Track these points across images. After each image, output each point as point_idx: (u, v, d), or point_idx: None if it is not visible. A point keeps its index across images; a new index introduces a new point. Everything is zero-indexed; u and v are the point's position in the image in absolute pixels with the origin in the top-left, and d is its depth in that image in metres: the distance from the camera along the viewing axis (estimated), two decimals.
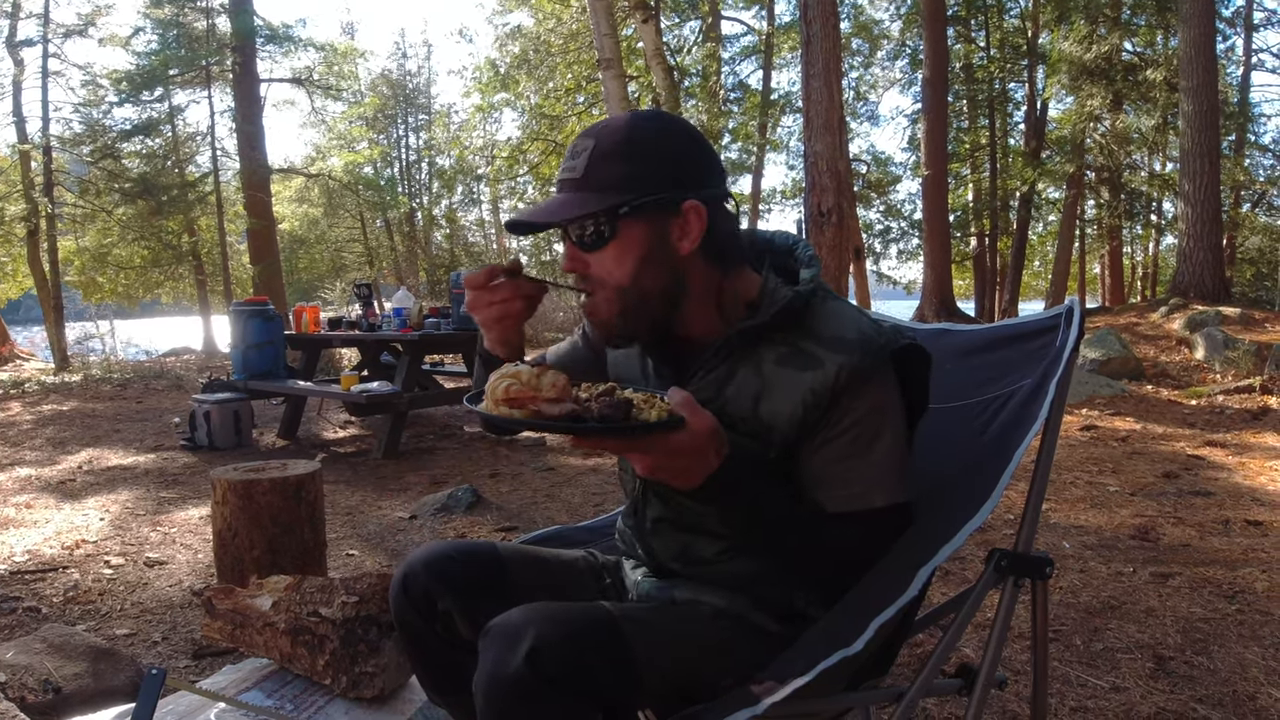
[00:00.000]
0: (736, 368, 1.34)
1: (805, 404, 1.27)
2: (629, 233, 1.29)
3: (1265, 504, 4.46)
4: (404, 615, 1.48)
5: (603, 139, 1.28)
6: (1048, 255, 29.69)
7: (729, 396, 1.33)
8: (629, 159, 1.27)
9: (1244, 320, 10.78)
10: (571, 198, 1.29)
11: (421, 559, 1.48)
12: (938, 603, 1.70)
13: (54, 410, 8.82)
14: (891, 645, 1.47)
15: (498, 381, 1.16)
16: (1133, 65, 19.28)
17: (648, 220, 1.29)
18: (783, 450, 1.30)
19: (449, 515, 4.47)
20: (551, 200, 1.32)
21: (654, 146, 1.29)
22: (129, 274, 19.48)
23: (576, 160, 1.29)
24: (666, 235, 1.30)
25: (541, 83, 20.11)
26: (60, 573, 3.62)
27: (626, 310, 1.33)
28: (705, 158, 1.34)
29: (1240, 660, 2.60)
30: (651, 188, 1.27)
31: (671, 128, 1.33)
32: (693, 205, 1.29)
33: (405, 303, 6.77)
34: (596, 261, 1.32)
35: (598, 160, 1.28)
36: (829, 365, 1.27)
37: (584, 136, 1.32)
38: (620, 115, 1.33)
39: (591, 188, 1.28)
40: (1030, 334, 1.55)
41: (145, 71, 17.51)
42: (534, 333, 16.52)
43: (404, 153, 37.10)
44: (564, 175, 1.31)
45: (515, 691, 1.12)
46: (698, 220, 1.29)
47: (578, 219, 1.28)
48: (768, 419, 1.30)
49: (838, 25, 10.05)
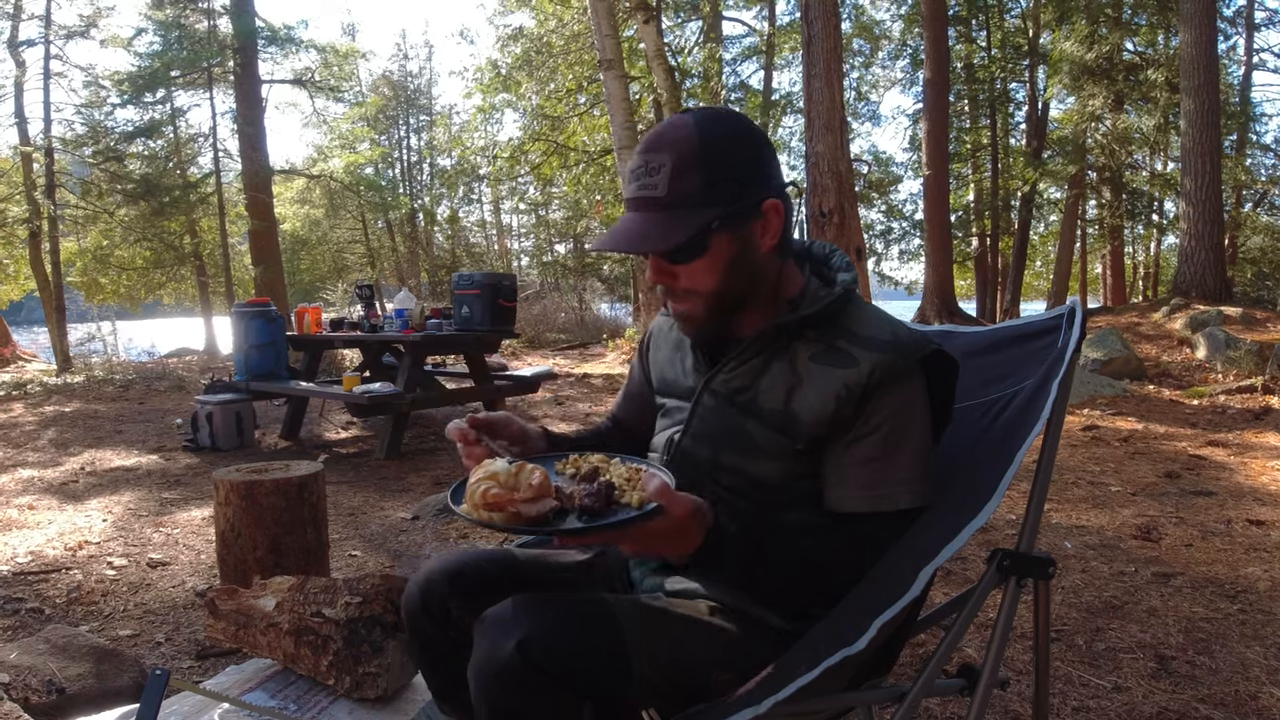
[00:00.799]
0: (771, 361, 1.38)
1: (839, 399, 1.30)
2: (717, 244, 1.30)
3: (1267, 504, 4.46)
4: (419, 624, 1.47)
5: (677, 150, 1.27)
6: (1049, 255, 29.70)
7: (762, 388, 1.37)
8: (709, 169, 1.27)
9: (1246, 320, 10.77)
10: (659, 218, 1.28)
11: (439, 570, 1.47)
12: (939, 603, 1.70)
13: (56, 411, 8.82)
14: (893, 645, 1.48)
15: (477, 484, 1.19)
16: (1134, 65, 19.26)
17: (734, 228, 1.31)
18: (809, 444, 1.32)
19: (451, 516, 4.47)
20: (635, 220, 1.31)
21: (729, 151, 1.29)
22: (131, 275, 19.48)
23: (655, 177, 1.28)
24: (750, 238, 1.33)
25: (543, 83, 20.10)
26: (63, 574, 3.63)
27: (715, 311, 1.36)
28: (770, 151, 1.36)
29: (1242, 660, 2.60)
30: (737, 197, 1.29)
31: (739, 128, 1.33)
32: (773, 204, 1.32)
33: (407, 304, 6.78)
34: (686, 274, 1.34)
35: (677, 176, 1.26)
36: (863, 363, 1.30)
37: (655, 151, 1.29)
38: (682, 120, 1.31)
39: (677, 205, 1.27)
40: (1032, 334, 1.56)
41: (147, 73, 17.50)
42: (536, 333, 16.53)
43: (405, 154, 37.15)
44: (643, 193, 1.30)
45: (505, 679, 1.14)
46: (777, 217, 1.34)
47: (677, 245, 1.28)
48: (799, 413, 1.33)
49: (839, 25, 10.05)
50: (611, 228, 1.36)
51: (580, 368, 12.17)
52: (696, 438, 1.45)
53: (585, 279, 27.86)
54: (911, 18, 24.11)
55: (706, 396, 1.45)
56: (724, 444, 1.41)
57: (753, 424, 1.37)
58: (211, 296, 20.17)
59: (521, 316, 15.38)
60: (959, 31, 23.55)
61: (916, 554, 1.22)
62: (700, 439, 1.44)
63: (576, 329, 17.98)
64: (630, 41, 16.75)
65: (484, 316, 6.40)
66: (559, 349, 15.44)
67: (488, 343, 6.93)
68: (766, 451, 1.36)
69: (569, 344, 16.04)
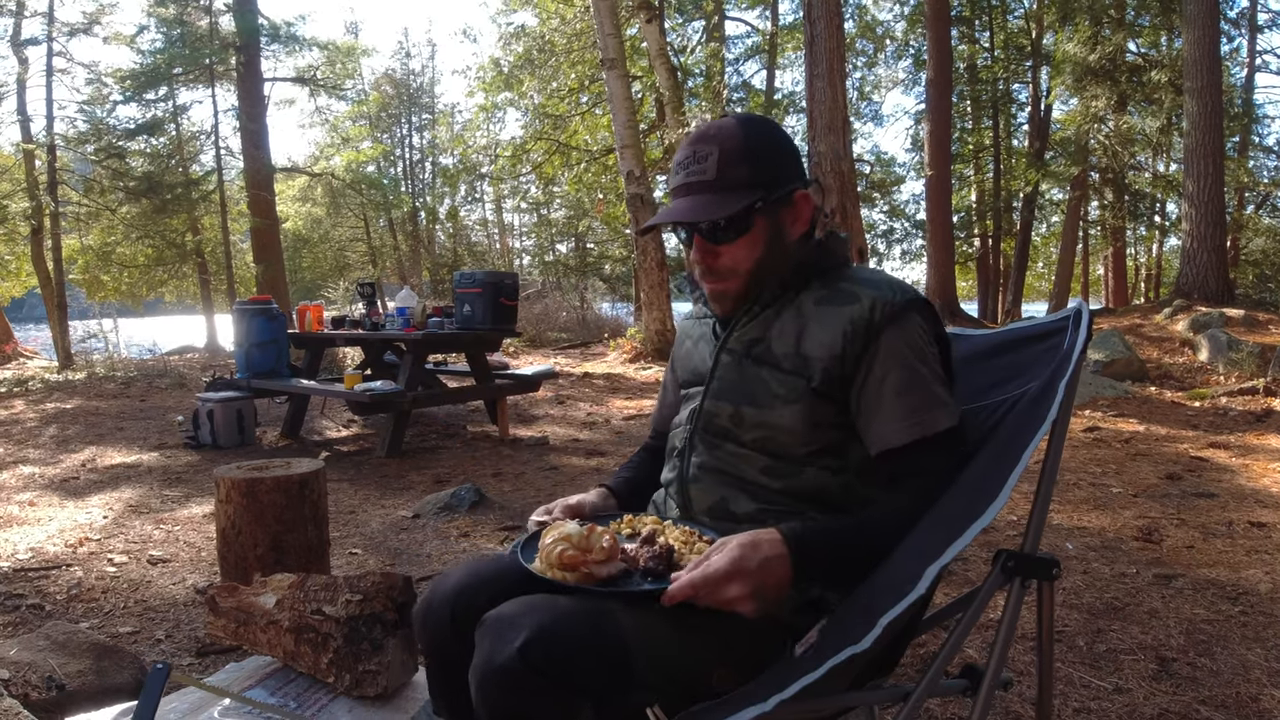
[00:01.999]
0: (782, 310, 1.52)
1: (845, 335, 1.42)
2: (757, 225, 1.48)
3: (1269, 506, 4.45)
4: (433, 641, 1.46)
5: (724, 143, 1.46)
6: (1051, 256, 29.73)
7: (773, 336, 1.50)
8: (752, 159, 1.46)
9: (1248, 322, 10.76)
10: (709, 198, 1.46)
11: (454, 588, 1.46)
12: (940, 604, 1.70)
13: (57, 408, 8.83)
14: (897, 645, 1.48)
15: (553, 545, 1.34)
16: (1137, 66, 19.25)
17: (770, 212, 1.49)
18: (823, 381, 1.43)
19: (452, 514, 4.47)
20: (686, 201, 1.48)
21: (769, 146, 1.49)
22: (133, 272, 19.47)
23: (705, 164, 1.46)
24: (782, 223, 1.51)
25: (545, 82, 20.11)
26: (64, 570, 3.63)
27: (749, 289, 1.53)
28: (798, 152, 1.55)
29: (1243, 662, 2.59)
30: (776, 184, 1.48)
31: (774, 128, 1.53)
32: (803, 194, 1.52)
33: (408, 302, 6.78)
34: (727, 253, 1.50)
35: (725, 163, 1.45)
36: (864, 299, 1.43)
37: (702, 142, 1.48)
38: (726, 120, 1.50)
39: (725, 188, 1.45)
40: (1038, 337, 1.57)
41: (149, 70, 17.50)
42: (537, 332, 16.53)
43: (407, 152, 37.17)
44: (693, 178, 1.48)
45: (506, 682, 1.15)
46: (807, 206, 1.53)
47: (726, 217, 1.45)
48: (808, 352, 1.45)
49: (841, 25, 10.04)
50: (663, 209, 1.55)
51: (581, 367, 12.17)
52: (717, 397, 1.55)
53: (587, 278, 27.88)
54: (914, 18, 24.13)
55: (724, 356, 1.57)
56: (743, 398, 1.50)
57: (768, 372, 1.49)
58: (213, 294, 20.16)
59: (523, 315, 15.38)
60: (962, 32, 23.56)
61: (923, 552, 1.22)
62: (721, 397, 1.54)
63: (578, 328, 17.98)
64: (633, 41, 16.77)
65: (486, 315, 6.40)
66: (560, 348, 15.44)
67: (489, 341, 6.92)
68: (783, 397, 1.46)
69: (570, 343, 16.04)
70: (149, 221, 18.39)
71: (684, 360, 1.72)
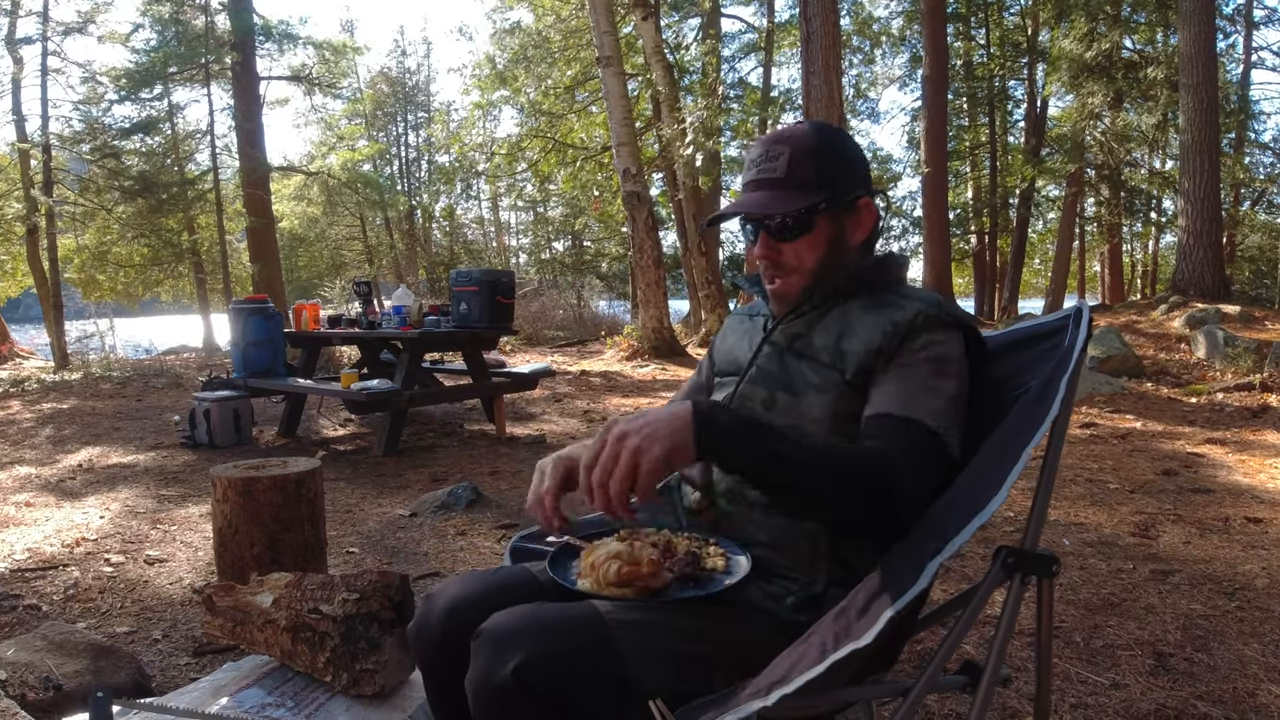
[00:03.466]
0: (828, 312, 1.54)
1: (885, 333, 1.43)
2: (820, 226, 1.52)
3: (1265, 501, 4.46)
4: (426, 659, 1.46)
5: (795, 144, 1.51)
6: (1048, 253, 29.75)
7: (816, 331, 1.52)
8: (821, 161, 1.51)
9: (1244, 318, 10.78)
10: (777, 195, 1.50)
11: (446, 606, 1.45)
12: (939, 601, 1.70)
13: (54, 409, 8.81)
14: (896, 641, 1.48)
15: (606, 564, 1.36)
16: (1133, 63, 19.26)
17: (835, 215, 1.53)
18: (856, 373, 1.44)
19: (449, 513, 4.47)
20: (756, 195, 1.53)
21: (838, 151, 1.53)
22: (128, 272, 19.45)
23: (776, 162, 1.51)
24: (845, 228, 1.55)
25: (540, 79, 20.09)
26: (60, 571, 3.62)
27: (808, 289, 1.55)
28: (866, 162, 1.60)
29: (1240, 657, 2.60)
30: (842, 187, 1.52)
31: (846, 138, 1.58)
32: (867, 202, 1.55)
33: (405, 300, 6.77)
34: (790, 250, 1.54)
35: (796, 162, 1.50)
36: (909, 309, 1.45)
37: (775, 142, 1.53)
38: (801, 124, 1.56)
39: (794, 185, 1.50)
40: (1039, 336, 1.58)
41: (144, 69, 17.46)
42: (534, 330, 16.53)
43: (403, 150, 37.14)
44: (763, 175, 1.52)
45: (501, 701, 1.16)
46: (870, 215, 1.56)
47: (793, 211, 1.49)
48: (845, 347, 1.46)
49: (837, 22, 10.05)
50: (732, 202, 1.61)
51: (578, 365, 12.16)
52: (754, 381, 1.57)
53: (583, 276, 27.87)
54: (910, 15, 24.11)
55: (766, 347, 1.59)
56: (778, 384, 1.52)
57: (806, 364, 1.51)
58: (209, 293, 20.15)
59: (520, 313, 15.40)
60: (958, 29, 23.57)
61: (923, 547, 1.22)
62: (757, 382, 1.56)
63: (575, 326, 17.98)
64: (628, 38, 16.74)
65: (482, 313, 6.39)
66: (557, 346, 15.44)
67: (486, 339, 6.92)
68: (815, 385, 1.47)
69: (567, 341, 16.04)
70: (145, 221, 18.37)
71: (724, 351, 1.73)
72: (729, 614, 1.36)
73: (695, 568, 1.39)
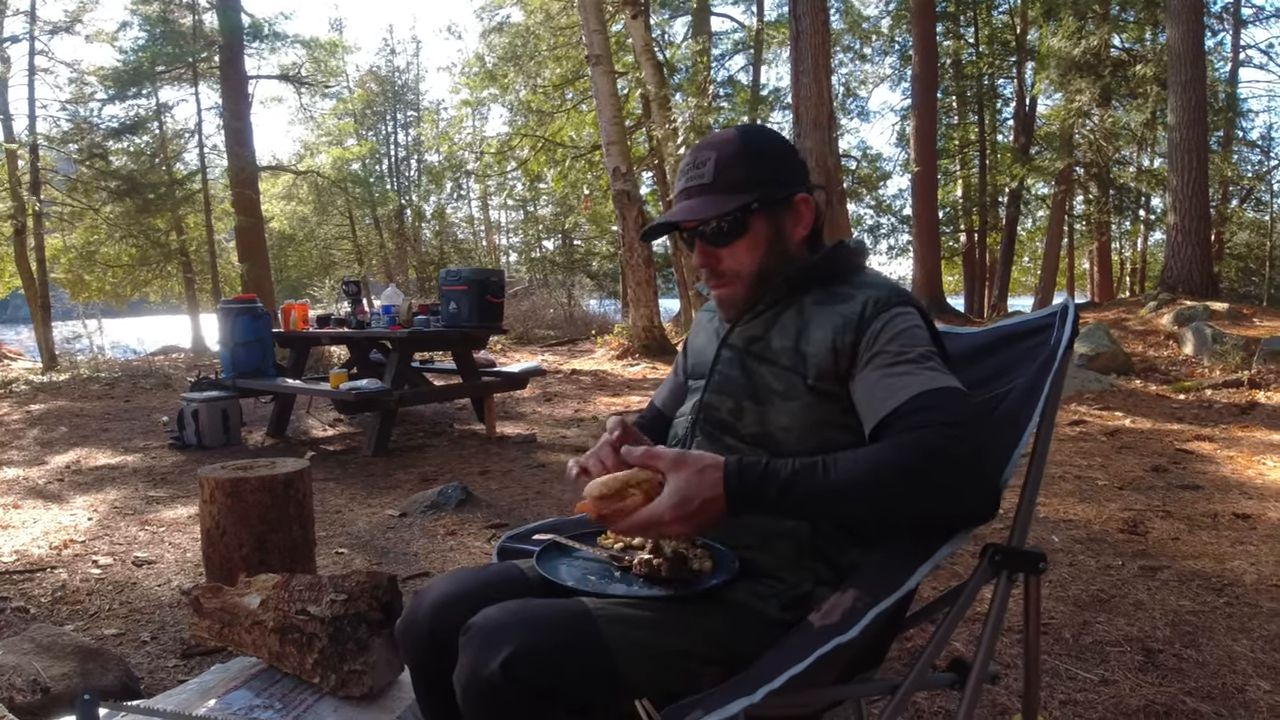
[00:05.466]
0: (783, 312, 1.53)
1: (835, 328, 1.42)
2: (756, 227, 1.50)
3: (1253, 497, 4.48)
4: (414, 657, 1.45)
5: (721, 149, 1.50)
6: (1037, 251, 29.84)
7: (774, 334, 1.51)
8: (749, 163, 1.49)
9: (1232, 315, 10.82)
10: (707, 200, 1.49)
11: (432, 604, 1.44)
12: (927, 598, 1.70)
13: (42, 410, 8.77)
14: (884, 638, 1.48)
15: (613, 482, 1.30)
16: (1121, 61, 19.32)
17: (770, 215, 1.51)
18: (818, 377, 1.43)
19: (439, 513, 4.46)
20: (687, 203, 1.51)
21: (766, 150, 1.52)
22: (117, 272, 19.35)
23: (703, 168, 1.50)
24: (783, 226, 1.52)
25: (530, 77, 20.06)
26: (48, 573, 3.60)
27: (752, 293, 1.54)
28: (800, 158, 1.58)
29: (1229, 653, 2.61)
30: (774, 186, 1.50)
31: (773, 136, 1.57)
32: (804, 198, 1.53)
33: (394, 300, 6.75)
34: (728, 255, 1.52)
35: (723, 166, 1.48)
36: (857, 298, 1.45)
37: (702, 149, 1.52)
38: (728, 130, 1.55)
39: (723, 189, 1.48)
40: (1025, 334, 1.58)
41: (132, 68, 17.40)
42: (524, 329, 16.51)
43: (393, 149, 37.04)
44: (692, 182, 1.51)
45: (489, 695, 1.16)
46: (808, 210, 1.54)
47: (719, 215, 1.47)
48: (804, 349, 1.45)
49: (827, 21, 10.06)
50: (664, 214, 1.59)
51: (569, 364, 12.16)
52: (717, 391, 1.55)
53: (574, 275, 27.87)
54: (900, 14, 24.16)
55: (725, 350, 1.58)
56: (743, 393, 1.51)
57: (767, 368, 1.49)
58: (198, 293, 20.06)
59: (510, 313, 15.37)
60: (947, 28, 23.62)
61: (913, 547, 1.22)
62: (721, 391, 1.55)
63: (565, 325, 17.97)
64: (618, 36, 16.73)
65: (472, 313, 6.38)
66: (547, 345, 15.43)
67: (475, 339, 6.91)
68: (781, 392, 1.46)
69: (557, 340, 16.03)
70: (133, 221, 18.29)
71: (696, 350, 1.72)
72: (717, 612, 1.36)
73: (683, 570, 1.39)
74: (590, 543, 1.58)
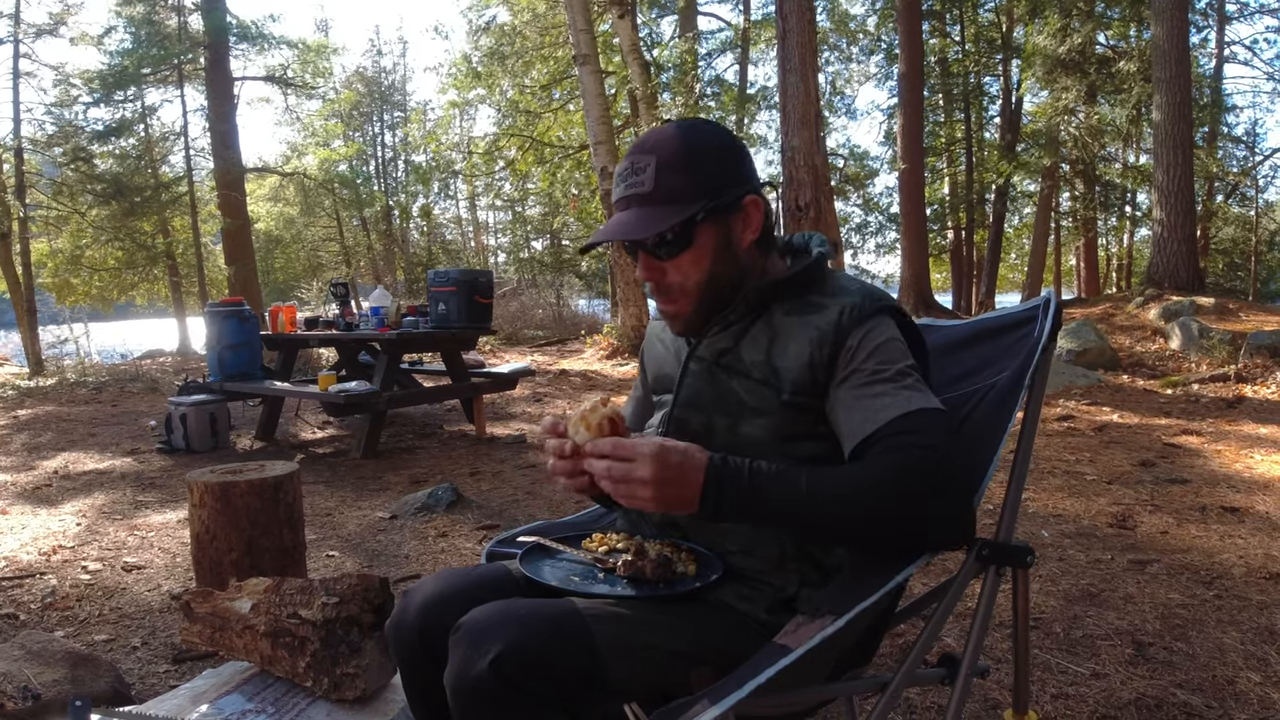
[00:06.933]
0: (752, 323, 1.45)
1: (812, 342, 1.36)
2: (702, 236, 1.39)
3: (1241, 490, 4.50)
4: (403, 657, 1.45)
5: (661, 152, 1.37)
6: (1024, 248, 29.96)
7: (744, 346, 1.44)
8: (691, 167, 1.37)
9: (1218, 310, 10.88)
10: (647, 212, 1.37)
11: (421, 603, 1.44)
12: (918, 593, 1.71)
13: (29, 415, 8.72)
14: (874, 635, 1.48)
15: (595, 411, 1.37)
16: (1106, 58, 19.39)
17: (717, 221, 1.39)
18: (794, 392, 1.36)
19: (429, 514, 4.45)
20: (625, 216, 1.39)
21: (709, 152, 1.39)
22: (103, 276, 19.27)
23: (641, 176, 1.37)
24: (731, 231, 1.41)
25: (517, 78, 20.04)
26: (37, 579, 3.58)
27: (702, 305, 1.44)
28: (747, 155, 1.46)
29: (1219, 645, 2.62)
30: (718, 191, 1.37)
31: (717, 132, 1.43)
32: (752, 199, 1.41)
33: (383, 301, 6.73)
34: (674, 268, 1.41)
35: (663, 173, 1.36)
36: (832, 308, 1.38)
37: (640, 153, 1.39)
38: (665, 127, 1.41)
39: (663, 200, 1.36)
40: (1008, 326, 1.57)
41: (117, 71, 17.32)
42: (513, 330, 16.49)
43: (380, 150, 36.96)
44: (630, 191, 1.38)
45: (479, 694, 1.16)
46: (757, 212, 1.42)
47: (661, 232, 1.36)
48: (777, 362, 1.39)
49: (813, 20, 10.07)
50: (602, 226, 1.48)
51: (558, 364, 12.15)
52: (687, 406, 1.50)
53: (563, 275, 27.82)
54: (886, 12, 24.18)
55: (693, 364, 1.51)
56: (714, 408, 1.45)
57: (738, 382, 1.43)
58: (185, 296, 19.99)
59: (499, 313, 15.34)
60: (933, 26, 23.65)
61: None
62: (691, 407, 1.49)
63: (554, 325, 17.95)
64: (605, 36, 16.72)
65: (460, 313, 6.37)
66: (537, 345, 15.41)
67: (464, 340, 6.90)
68: (754, 408, 1.41)
69: (547, 340, 16.01)
70: (119, 224, 18.22)
71: (654, 363, 1.67)
72: (704, 613, 1.36)
73: (668, 572, 1.38)
74: (575, 545, 1.57)
